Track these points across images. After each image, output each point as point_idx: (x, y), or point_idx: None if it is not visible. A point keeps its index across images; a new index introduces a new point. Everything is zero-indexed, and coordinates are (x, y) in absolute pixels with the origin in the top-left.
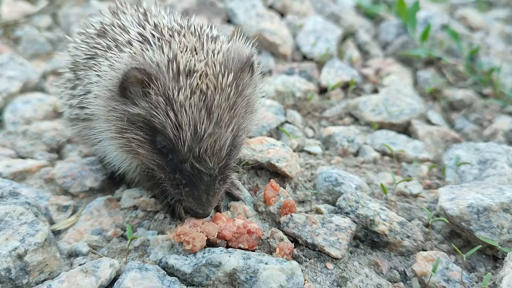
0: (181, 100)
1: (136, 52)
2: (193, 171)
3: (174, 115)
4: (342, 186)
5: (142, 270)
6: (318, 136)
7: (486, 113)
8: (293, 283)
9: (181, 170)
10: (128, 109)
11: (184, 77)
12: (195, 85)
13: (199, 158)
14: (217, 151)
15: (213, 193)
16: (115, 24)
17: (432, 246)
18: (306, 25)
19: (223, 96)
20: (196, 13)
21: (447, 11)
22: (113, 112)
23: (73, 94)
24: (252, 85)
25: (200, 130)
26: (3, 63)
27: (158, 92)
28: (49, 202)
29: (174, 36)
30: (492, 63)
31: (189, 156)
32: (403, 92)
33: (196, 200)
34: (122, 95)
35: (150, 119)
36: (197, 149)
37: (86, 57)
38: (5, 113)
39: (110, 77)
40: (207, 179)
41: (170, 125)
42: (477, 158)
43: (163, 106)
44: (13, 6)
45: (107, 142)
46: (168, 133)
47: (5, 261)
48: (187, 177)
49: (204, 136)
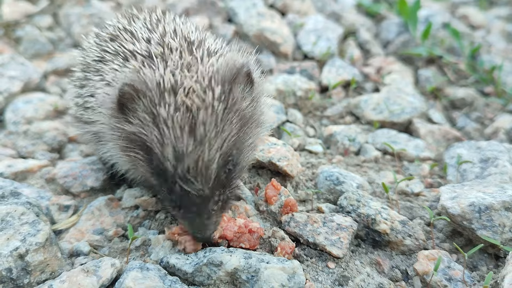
0: (164, 116)
1: (133, 68)
2: (182, 192)
3: (158, 133)
4: (344, 185)
5: (143, 269)
6: (319, 135)
7: (487, 111)
8: (294, 282)
9: (173, 191)
10: (124, 127)
11: (170, 94)
12: (179, 102)
13: (184, 179)
14: (201, 171)
15: (207, 216)
16: (127, 30)
17: (434, 245)
18: (307, 24)
19: (208, 112)
20: (196, 12)
21: (448, 9)
22: (115, 130)
23: (80, 93)
24: (252, 97)
25: (179, 148)
26: (4, 63)
27: (145, 109)
28: (50, 202)
29: (172, 53)
30: (493, 61)
31: (176, 177)
32: (404, 90)
33: (190, 223)
34: (121, 112)
35: (141, 137)
36: (179, 169)
37: (95, 59)
38: (6, 113)
39: (110, 93)
40: (198, 201)
41: (155, 143)
42: (479, 156)
43: (150, 123)
44: (14, 6)
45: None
46: (157, 152)
47: (6, 261)
48: (179, 199)
49: (184, 155)
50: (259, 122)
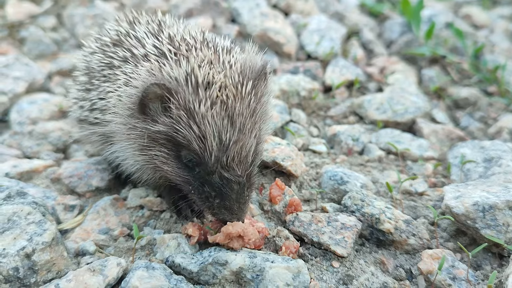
0: (202, 111)
1: (154, 68)
2: (222, 181)
3: (197, 127)
4: (348, 185)
5: (149, 269)
6: (323, 135)
7: (491, 111)
8: (299, 281)
9: (209, 183)
10: (148, 126)
11: (204, 90)
12: (215, 96)
13: (227, 167)
14: (243, 158)
15: (243, 200)
16: (130, 35)
17: (438, 244)
18: (310, 24)
19: (244, 104)
20: (200, 13)
21: (451, 9)
22: (134, 130)
23: (86, 97)
24: (267, 93)
25: (225, 138)
26: (9, 63)
27: (179, 106)
28: (55, 201)
29: (191, 50)
30: (496, 61)
31: (217, 167)
32: (408, 90)
33: (229, 210)
34: (142, 112)
35: (173, 135)
36: (224, 158)
37: (101, 65)
38: (11, 114)
39: (129, 95)
40: (237, 188)
41: (194, 137)
42: (482, 156)
43: (185, 120)
44: (18, 7)
45: (125, 154)
46: (194, 147)
47: (13, 260)
48: (216, 189)
49: (230, 144)
50: (268, 117)
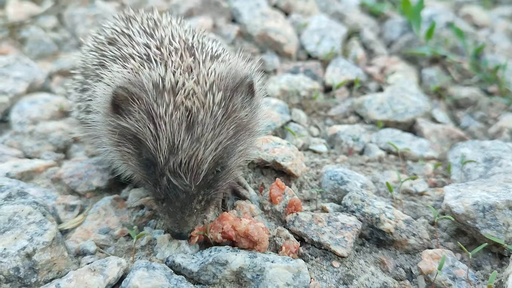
0: (161, 113)
1: (134, 69)
2: (169, 186)
3: (153, 127)
4: (348, 185)
5: (149, 268)
6: (323, 134)
7: (491, 111)
8: (299, 281)
9: (160, 184)
10: (119, 123)
11: (169, 95)
12: (179, 102)
13: (174, 173)
14: (193, 168)
15: (189, 212)
16: (125, 33)
17: (438, 244)
18: (310, 24)
19: (208, 114)
20: (200, 13)
21: (451, 9)
22: (108, 126)
23: (82, 97)
24: (250, 107)
25: (177, 142)
26: (9, 64)
27: (140, 110)
28: (56, 201)
29: (171, 55)
30: (497, 60)
31: (166, 170)
32: (408, 90)
33: (171, 217)
34: (115, 111)
35: (134, 132)
36: (171, 162)
37: (95, 63)
38: (12, 114)
39: (105, 94)
40: (182, 196)
41: (149, 136)
42: (483, 156)
43: (145, 120)
44: (18, 7)
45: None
46: (149, 145)
47: (14, 260)
48: (163, 192)
49: (181, 149)
50: (253, 132)
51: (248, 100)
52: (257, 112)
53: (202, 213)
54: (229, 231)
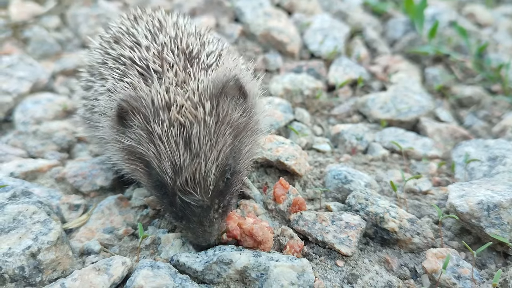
0: (159, 133)
1: (133, 83)
2: (183, 204)
3: (154, 148)
4: (352, 184)
5: (154, 268)
6: (326, 134)
7: (495, 109)
8: (303, 280)
9: (175, 204)
10: (123, 140)
11: (164, 111)
12: (173, 118)
13: (184, 191)
14: (200, 182)
15: (209, 223)
16: (130, 33)
17: (442, 243)
18: (313, 23)
19: (201, 126)
20: (203, 12)
21: (455, 7)
22: (115, 142)
23: (86, 95)
24: (245, 108)
25: (177, 162)
26: (13, 63)
27: (140, 125)
28: (60, 201)
29: (169, 70)
30: (500, 59)
31: (176, 189)
32: (412, 89)
33: (194, 233)
34: (120, 124)
35: (139, 151)
36: (178, 182)
37: (99, 61)
38: (15, 113)
39: (109, 105)
40: (199, 211)
41: (153, 157)
42: (487, 155)
43: (145, 139)
44: (21, 7)
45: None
46: (154, 166)
47: (19, 259)
48: (180, 211)
49: (183, 167)
50: (255, 131)
51: (241, 101)
52: (254, 111)
53: (222, 219)
54: (234, 230)
